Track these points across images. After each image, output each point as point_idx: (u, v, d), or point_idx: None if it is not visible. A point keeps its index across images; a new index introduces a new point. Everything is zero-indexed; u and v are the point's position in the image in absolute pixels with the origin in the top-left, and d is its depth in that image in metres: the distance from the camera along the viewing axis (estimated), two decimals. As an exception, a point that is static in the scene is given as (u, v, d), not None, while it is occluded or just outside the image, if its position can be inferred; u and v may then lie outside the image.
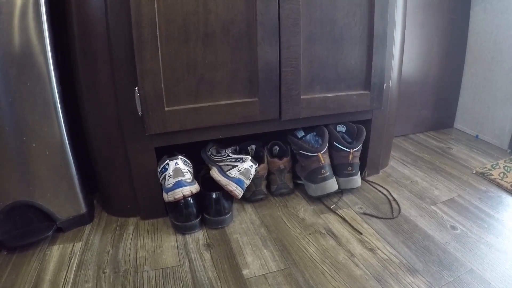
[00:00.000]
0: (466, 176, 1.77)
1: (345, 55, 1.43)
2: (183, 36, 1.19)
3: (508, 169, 1.83)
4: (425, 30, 2.12)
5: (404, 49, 1.69)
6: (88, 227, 1.38)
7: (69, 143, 1.26)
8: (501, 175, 1.77)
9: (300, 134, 1.60)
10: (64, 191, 1.30)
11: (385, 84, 1.55)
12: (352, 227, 1.37)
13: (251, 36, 1.25)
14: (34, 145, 1.19)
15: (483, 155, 2.01)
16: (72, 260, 1.22)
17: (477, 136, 2.31)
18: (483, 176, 1.78)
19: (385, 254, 1.23)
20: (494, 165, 1.88)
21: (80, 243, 1.30)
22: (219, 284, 1.10)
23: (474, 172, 1.82)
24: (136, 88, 1.19)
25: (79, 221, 1.37)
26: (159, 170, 1.34)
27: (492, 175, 1.77)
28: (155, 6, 1.12)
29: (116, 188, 1.40)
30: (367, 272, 1.15)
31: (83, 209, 1.36)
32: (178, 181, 1.27)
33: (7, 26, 1.06)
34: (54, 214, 1.29)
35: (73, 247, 1.28)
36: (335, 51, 1.41)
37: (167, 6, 1.14)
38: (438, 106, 2.37)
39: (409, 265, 1.18)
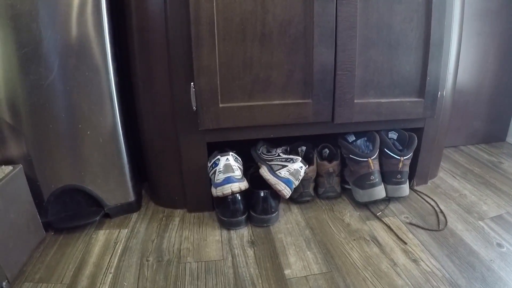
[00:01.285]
0: (516, 193, 1.70)
1: (400, 61, 1.39)
2: (240, 34, 1.19)
3: None
4: (481, 39, 2.03)
5: (459, 57, 1.65)
6: (135, 215, 1.42)
7: (122, 133, 1.29)
8: (556, 193, 1.70)
9: (351, 138, 1.57)
10: (115, 178, 1.33)
11: (439, 93, 1.50)
12: (397, 236, 1.33)
13: (308, 37, 1.24)
14: (88, 132, 1.23)
15: (537, 172, 1.93)
16: (117, 246, 1.24)
17: (530, 151, 2.22)
18: (536, 193, 1.70)
19: (428, 266, 1.19)
20: (548, 183, 1.80)
21: (126, 230, 1.33)
22: (260, 281, 1.10)
23: (525, 189, 1.75)
24: (192, 83, 1.20)
25: (127, 209, 1.40)
26: (209, 165, 1.34)
27: (545, 193, 1.70)
28: (214, 4, 1.13)
29: (165, 180, 1.42)
30: (409, 283, 1.11)
31: (132, 197, 1.39)
32: (228, 177, 1.27)
33: (65, 17, 1.10)
34: (103, 200, 1.33)
35: (119, 233, 1.31)
36: (390, 57, 1.37)
37: (225, 5, 1.15)
38: (491, 118, 2.27)
39: (452, 279, 1.14)
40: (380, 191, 1.45)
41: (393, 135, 1.60)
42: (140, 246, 1.25)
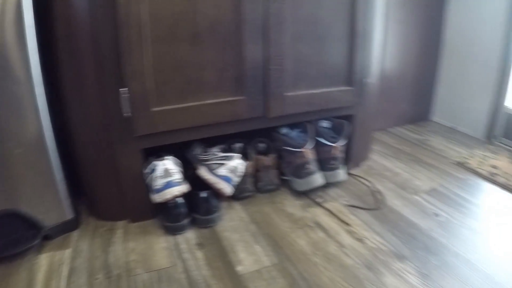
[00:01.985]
0: (445, 166, 1.83)
1: (329, 53, 1.46)
2: (170, 36, 1.19)
3: (485, 158, 1.90)
4: (403, 27, 2.17)
5: (384, 45, 1.74)
6: (76, 233, 1.36)
7: (54, 148, 1.23)
8: (478, 163, 1.84)
9: (284, 130, 1.61)
10: (50, 197, 1.27)
11: (366, 80, 1.58)
12: (340, 219, 1.40)
13: (238, 35, 1.27)
14: (17, 151, 1.16)
15: (460, 145, 2.08)
16: (62, 268, 1.19)
17: (453, 127, 2.39)
18: (461, 165, 1.84)
19: (373, 243, 1.27)
20: (471, 155, 1.95)
21: (69, 250, 1.27)
22: (214, 282, 1.11)
23: (452, 162, 1.89)
24: (123, 89, 1.18)
25: (67, 228, 1.34)
26: (147, 171, 1.33)
27: (469, 163, 1.84)
28: (143, 5, 1.12)
29: (103, 192, 1.38)
30: (358, 261, 1.19)
31: (70, 215, 1.33)
32: (168, 181, 1.27)
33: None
34: (40, 222, 1.26)
35: (62, 254, 1.25)
36: (319, 49, 1.44)
37: (155, 6, 1.14)
38: (415, 100, 2.43)
39: (397, 252, 1.23)
40: (317, 179, 1.51)
41: (325, 123, 1.67)
42: (87, 264, 1.21)
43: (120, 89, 1.18)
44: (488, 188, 1.64)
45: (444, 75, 2.41)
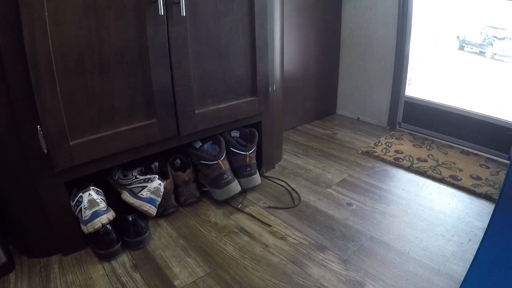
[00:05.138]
0: (353, 157, 2.15)
1: (232, 68, 1.68)
2: (79, 68, 1.29)
3: (389, 145, 2.24)
4: (301, 31, 2.50)
5: (284, 51, 2.00)
6: (12, 276, 1.39)
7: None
8: (384, 150, 2.17)
9: (198, 144, 1.82)
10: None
11: (270, 88, 1.84)
12: (261, 221, 1.63)
13: (144, 61, 1.42)
14: None
15: (366, 135, 2.42)
16: (8, 315, 1.23)
17: (358, 118, 2.75)
18: (368, 154, 2.15)
19: (295, 239, 1.51)
20: (376, 143, 2.27)
21: None
22: None
23: (359, 152, 2.20)
24: (38, 126, 1.27)
25: (1, 272, 1.39)
26: (73, 204, 1.44)
27: (376, 152, 2.16)
28: (49, 41, 1.20)
29: (32, 230, 1.45)
30: (284, 258, 1.41)
31: (3, 258, 1.39)
32: (95, 211, 1.39)
33: None
34: (-28, 270, 1.29)
35: (2, 299, 1.31)
36: (222, 65, 1.65)
37: (61, 40, 1.23)
38: (320, 97, 2.77)
39: (318, 244, 1.47)
40: (235, 187, 1.75)
41: (235, 133, 1.91)
42: (32, 305, 1.26)
43: (38, 126, 1.27)
44: (394, 173, 1.97)
45: (345, 71, 2.79)
